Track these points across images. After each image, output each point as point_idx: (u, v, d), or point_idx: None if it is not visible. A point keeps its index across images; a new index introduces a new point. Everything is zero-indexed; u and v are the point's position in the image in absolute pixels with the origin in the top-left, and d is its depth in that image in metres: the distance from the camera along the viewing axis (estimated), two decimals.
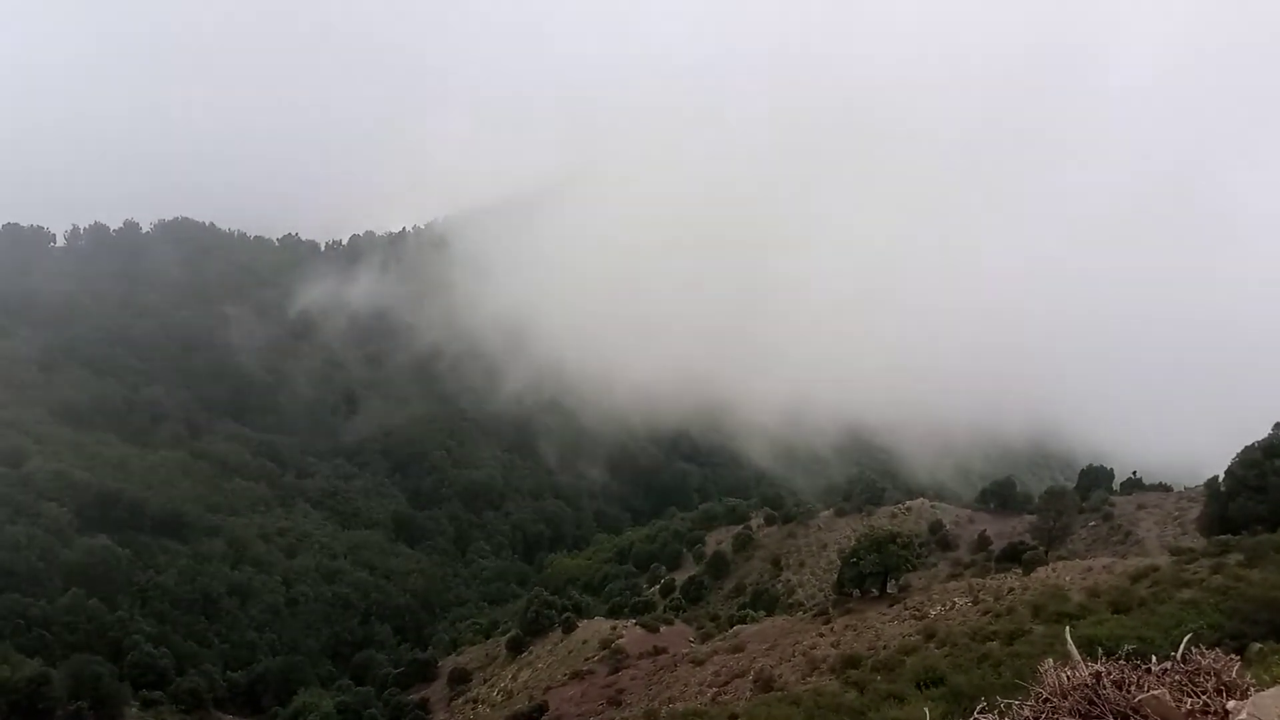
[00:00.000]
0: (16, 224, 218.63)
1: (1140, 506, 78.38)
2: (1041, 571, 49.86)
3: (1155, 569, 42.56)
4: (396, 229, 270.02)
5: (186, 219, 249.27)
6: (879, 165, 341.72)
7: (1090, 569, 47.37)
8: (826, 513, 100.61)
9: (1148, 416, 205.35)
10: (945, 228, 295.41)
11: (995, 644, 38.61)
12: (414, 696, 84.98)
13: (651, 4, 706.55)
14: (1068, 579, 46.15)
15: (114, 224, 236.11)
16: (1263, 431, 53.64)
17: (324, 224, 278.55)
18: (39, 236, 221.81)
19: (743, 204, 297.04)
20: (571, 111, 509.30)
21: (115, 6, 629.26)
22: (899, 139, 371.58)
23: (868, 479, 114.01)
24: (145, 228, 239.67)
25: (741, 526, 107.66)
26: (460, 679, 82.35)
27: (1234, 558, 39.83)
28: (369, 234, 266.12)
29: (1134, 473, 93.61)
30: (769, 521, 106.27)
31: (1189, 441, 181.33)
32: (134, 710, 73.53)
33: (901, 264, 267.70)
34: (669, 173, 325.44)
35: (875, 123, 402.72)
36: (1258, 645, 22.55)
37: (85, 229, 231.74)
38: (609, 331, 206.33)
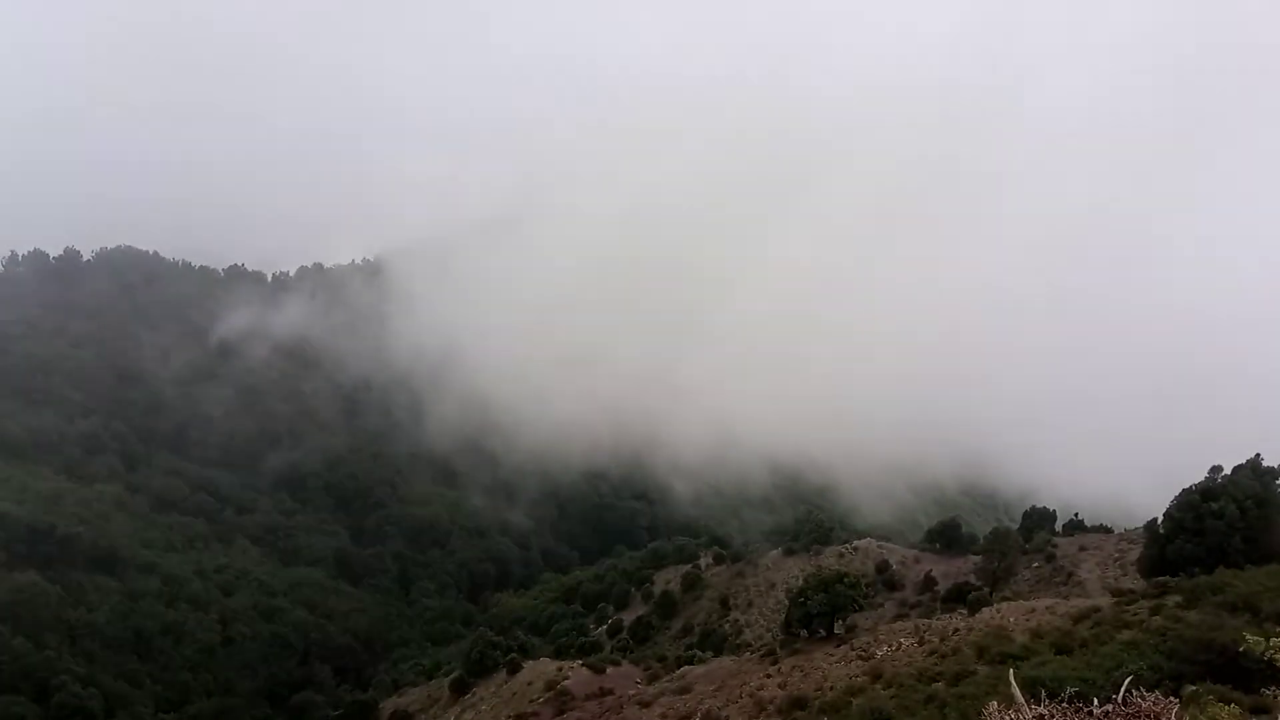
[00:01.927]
0: None
1: (1082, 548, 79.39)
2: (986, 612, 50.19)
3: (1097, 610, 43.06)
4: (344, 260, 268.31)
5: (130, 247, 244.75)
6: (815, 198, 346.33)
7: (1034, 610, 47.78)
8: (775, 552, 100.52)
9: (1081, 454, 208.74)
10: (878, 262, 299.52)
11: (941, 685, 38.72)
12: None
13: (600, 30, 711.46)
14: (1012, 620, 46.47)
15: (55, 251, 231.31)
16: (1198, 473, 54.74)
17: (269, 255, 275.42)
18: None
19: (678, 235, 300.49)
20: (514, 139, 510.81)
21: (62, 33, 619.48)
22: (837, 172, 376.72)
23: (815, 519, 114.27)
24: (87, 255, 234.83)
25: (690, 566, 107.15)
26: None
27: (1172, 599, 40.41)
28: (316, 265, 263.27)
29: (1075, 514, 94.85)
30: (718, 561, 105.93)
31: (1122, 480, 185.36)
32: None
33: (831, 298, 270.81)
34: (607, 201, 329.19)
35: (814, 155, 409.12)
36: (1192, 687, 22.81)
37: (24, 255, 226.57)
38: (538, 366, 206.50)
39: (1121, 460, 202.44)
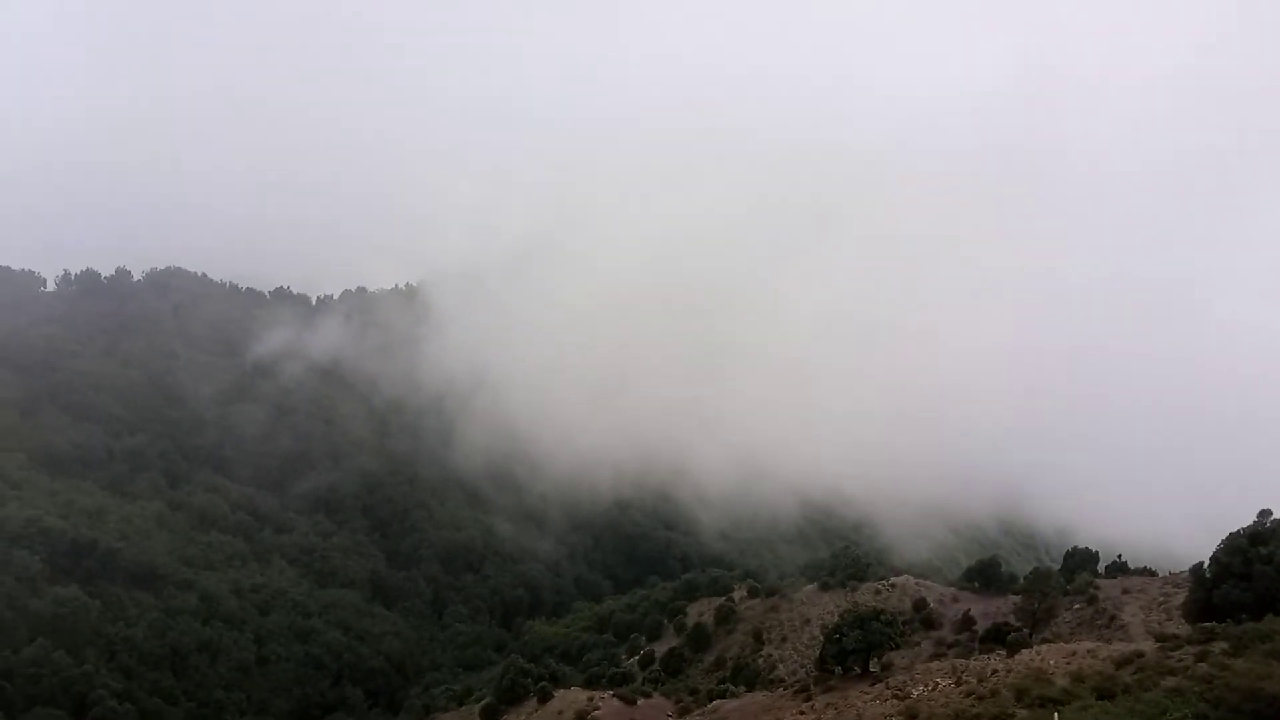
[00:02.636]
0: (8, 267, 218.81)
1: (1125, 591, 77.75)
2: (1026, 654, 49.21)
3: (1140, 655, 42.09)
4: (387, 284, 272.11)
5: (179, 269, 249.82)
6: (852, 234, 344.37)
7: (1075, 653, 46.78)
8: (810, 587, 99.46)
9: (1121, 494, 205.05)
10: (914, 299, 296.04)
11: None
12: None
13: (640, 63, 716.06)
14: (1052, 662, 45.54)
15: (106, 271, 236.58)
16: (1244, 516, 53.57)
17: (314, 277, 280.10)
18: (29, 280, 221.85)
19: (712, 266, 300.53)
20: (555, 169, 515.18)
21: (122, 55, 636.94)
22: (875, 207, 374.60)
23: (852, 554, 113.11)
24: (137, 276, 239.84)
25: (724, 598, 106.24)
26: None
27: (1219, 646, 39.42)
28: (360, 289, 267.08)
29: (1119, 556, 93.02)
30: (752, 594, 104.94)
31: (1162, 520, 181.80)
32: None
33: (864, 334, 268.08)
34: (641, 232, 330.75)
35: (852, 190, 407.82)
36: None
37: (77, 275, 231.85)
38: (567, 395, 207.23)
39: (1162, 500, 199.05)
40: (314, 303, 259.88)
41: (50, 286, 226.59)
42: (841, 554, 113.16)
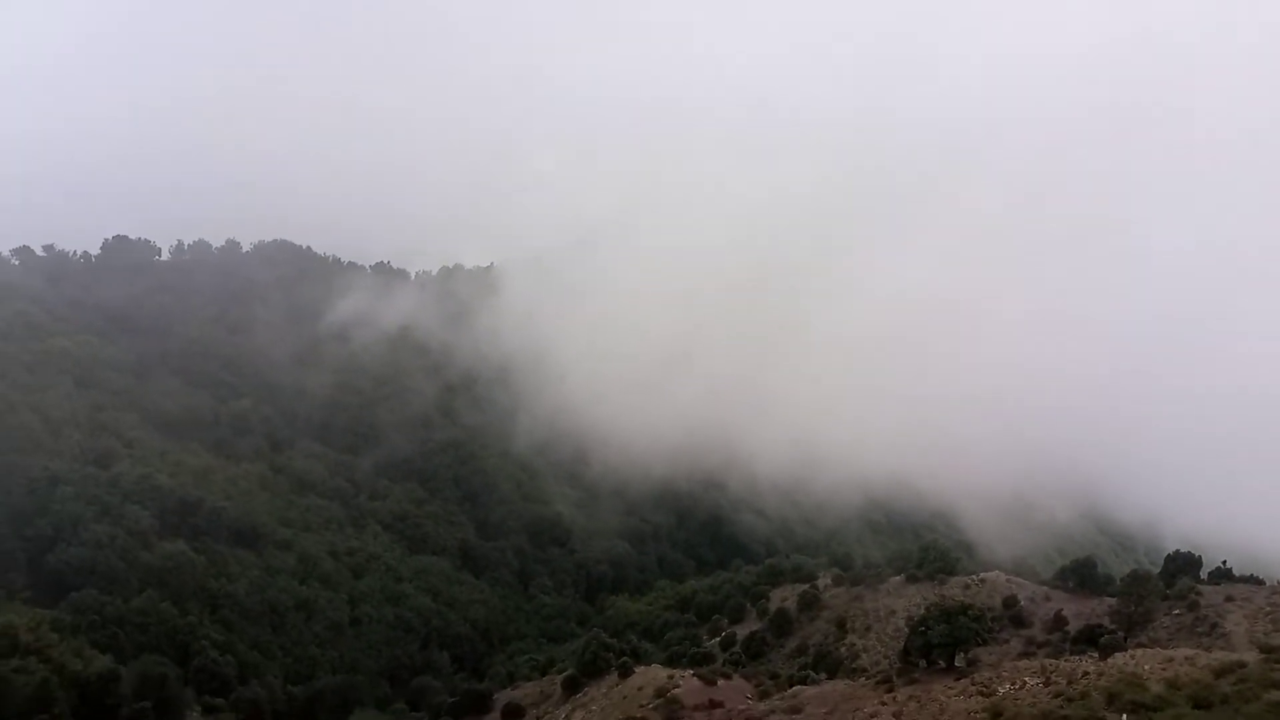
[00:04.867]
0: (125, 236, 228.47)
1: (1229, 598, 74.86)
2: (1119, 657, 47.93)
3: (1242, 665, 40.64)
4: (487, 260, 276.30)
5: (285, 241, 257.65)
6: (934, 215, 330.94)
7: (1171, 659, 45.38)
8: (897, 578, 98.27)
9: (1211, 496, 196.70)
10: (990, 287, 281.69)
11: None
12: None
13: (709, 44, 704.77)
14: (1146, 667, 44.28)
15: (217, 242, 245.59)
16: None
17: (413, 255, 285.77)
18: (145, 249, 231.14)
19: (783, 247, 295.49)
20: (635, 150, 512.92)
21: (232, 37, 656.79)
22: (958, 189, 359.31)
23: (940, 547, 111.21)
24: (246, 247, 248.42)
25: (808, 585, 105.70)
26: (513, 714, 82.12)
27: None
28: (458, 266, 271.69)
29: (1224, 562, 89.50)
30: (836, 582, 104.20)
31: (1261, 524, 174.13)
32: (195, 715, 75.03)
33: (937, 323, 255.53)
34: (716, 214, 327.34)
35: (934, 171, 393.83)
36: None
37: (189, 245, 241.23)
38: (643, 373, 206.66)
39: (1261, 499, 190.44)
40: (413, 277, 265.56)
41: (165, 256, 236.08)
42: (930, 547, 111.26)
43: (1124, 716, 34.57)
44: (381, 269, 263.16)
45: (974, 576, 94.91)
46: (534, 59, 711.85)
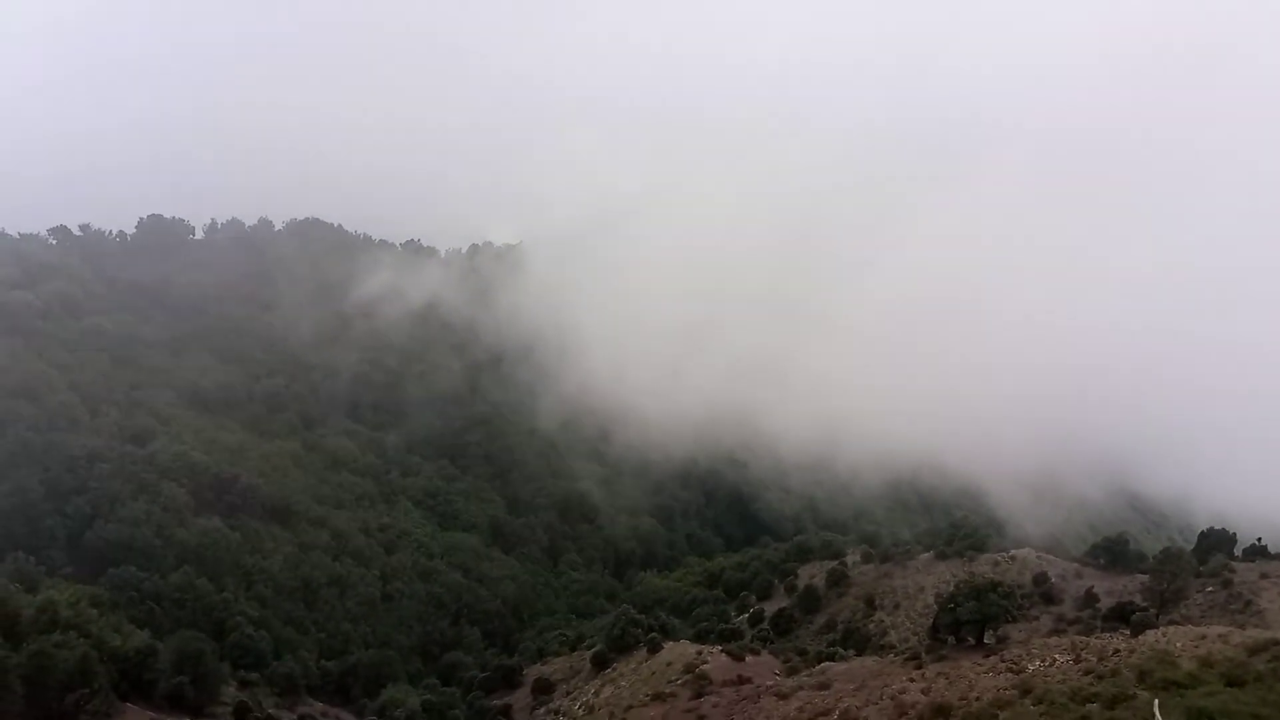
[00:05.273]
0: (160, 215, 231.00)
1: (1264, 575, 74.07)
2: (1151, 635, 47.55)
3: (1276, 643, 40.17)
4: (514, 241, 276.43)
5: (317, 219, 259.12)
6: (954, 201, 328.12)
7: (1204, 637, 44.95)
8: (926, 555, 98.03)
9: (1242, 474, 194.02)
10: (1015, 272, 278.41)
11: (1095, 706, 37.03)
12: (497, 702, 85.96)
13: (735, 15, 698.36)
14: (1179, 645, 43.89)
15: (250, 220, 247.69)
16: None
17: (444, 232, 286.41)
18: (179, 228, 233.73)
19: (806, 226, 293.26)
20: (660, 124, 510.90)
21: (267, 9, 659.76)
22: (979, 175, 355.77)
23: (970, 523, 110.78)
24: (278, 225, 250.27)
25: (836, 562, 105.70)
26: (544, 689, 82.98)
27: None
28: (487, 243, 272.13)
29: (1259, 539, 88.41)
30: (865, 559, 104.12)
31: None
32: (231, 690, 76.06)
33: (963, 305, 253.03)
34: (740, 188, 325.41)
35: (966, 137, 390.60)
36: None
37: (223, 224, 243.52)
38: (667, 352, 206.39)
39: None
40: (442, 255, 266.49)
41: (199, 234, 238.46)
42: (960, 524, 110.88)
43: (1155, 701, 34.25)
44: (411, 247, 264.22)
45: (1004, 553, 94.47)
46: (562, 45, 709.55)
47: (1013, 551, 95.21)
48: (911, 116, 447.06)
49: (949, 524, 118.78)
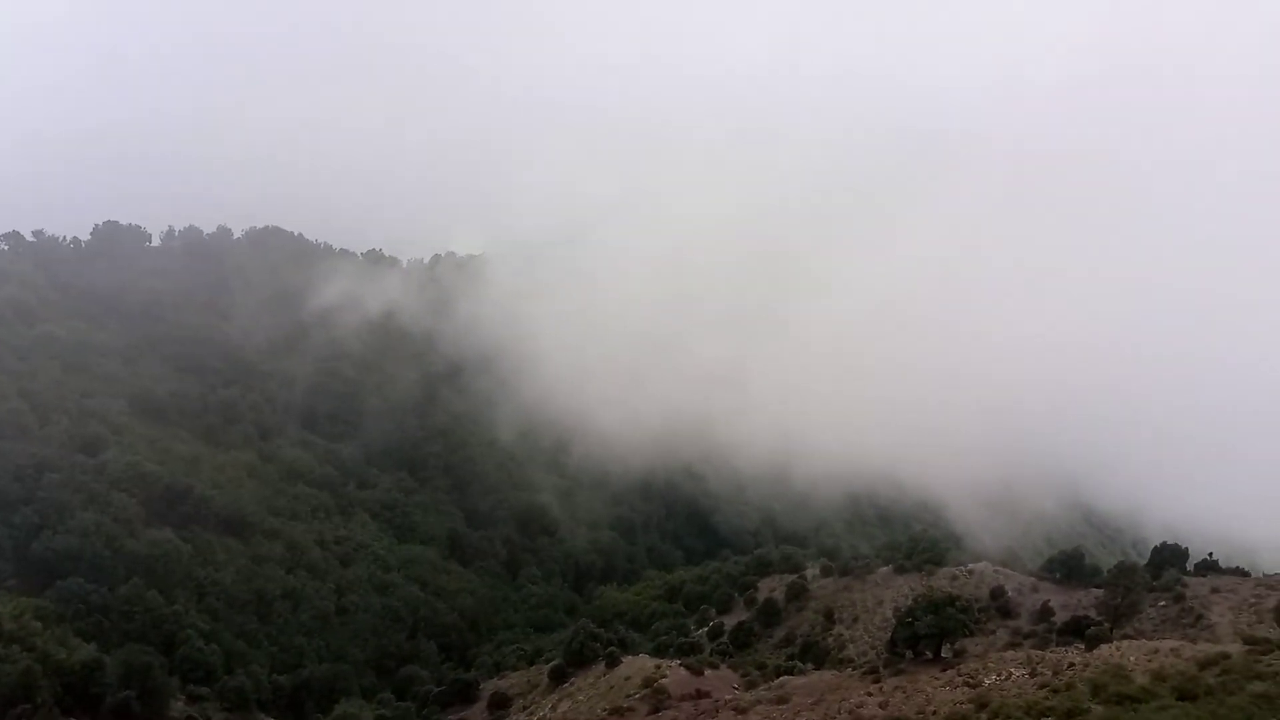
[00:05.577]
0: (116, 222, 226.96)
1: (1215, 590, 75.14)
2: (1105, 649, 47.95)
3: (1226, 656, 40.66)
4: (477, 248, 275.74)
5: (277, 228, 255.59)
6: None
7: (1157, 650, 45.40)
8: (885, 569, 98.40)
9: (1191, 491, 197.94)
10: (972, 290, 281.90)
11: None
12: (453, 717, 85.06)
13: (709, 24, 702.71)
14: (1132, 659, 44.27)
15: (209, 228, 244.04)
16: None
17: (407, 241, 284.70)
18: (135, 235, 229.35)
19: (767, 241, 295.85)
20: (632, 133, 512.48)
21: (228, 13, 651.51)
22: (938, 194, 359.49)
23: (929, 537, 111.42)
24: (237, 234, 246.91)
25: (796, 575, 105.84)
26: (500, 704, 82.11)
27: None
28: (450, 254, 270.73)
29: (1210, 554, 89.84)
30: (824, 572, 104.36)
31: (1242, 519, 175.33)
32: (180, 704, 74.58)
33: (921, 322, 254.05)
34: (708, 200, 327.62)
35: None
36: None
37: (180, 231, 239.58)
38: (625, 363, 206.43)
39: (1240, 495, 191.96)
40: (404, 265, 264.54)
41: (155, 242, 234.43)
42: (919, 538, 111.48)
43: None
44: (373, 256, 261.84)
45: (962, 567, 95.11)
46: (533, 51, 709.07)
47: (970, 565, 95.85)
48: (880, 129, 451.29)
49: (908, 538, 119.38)
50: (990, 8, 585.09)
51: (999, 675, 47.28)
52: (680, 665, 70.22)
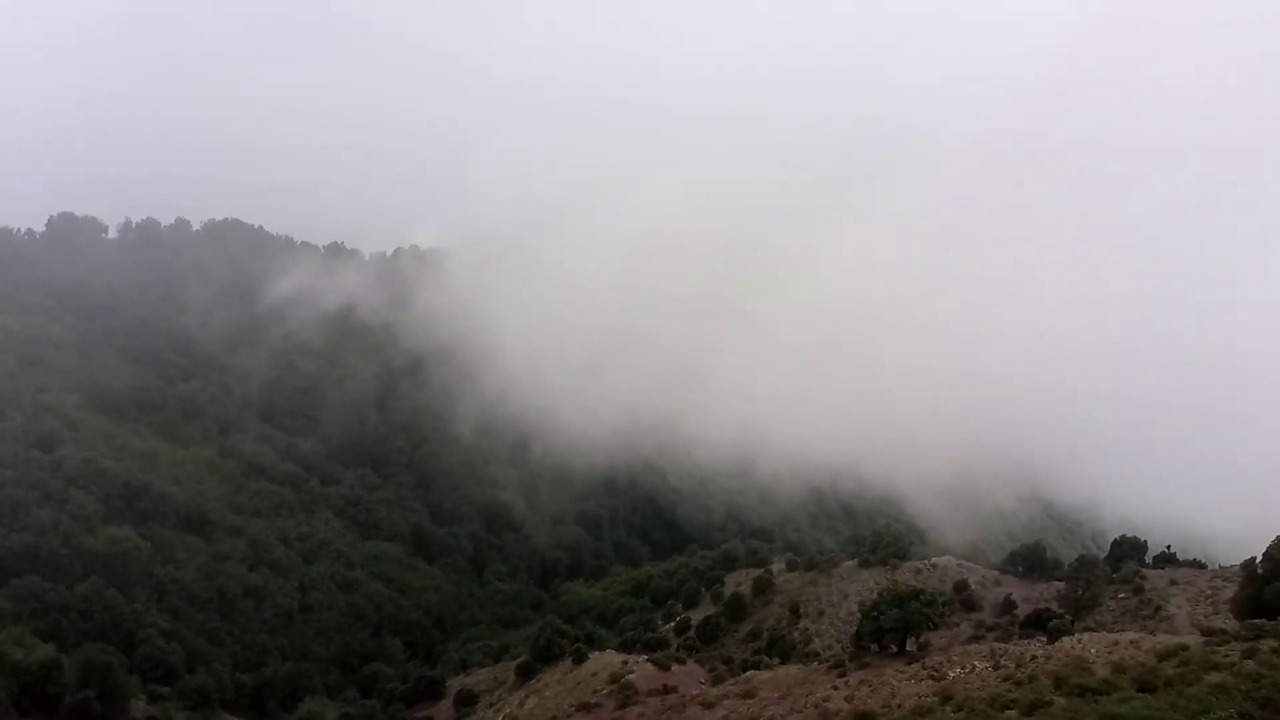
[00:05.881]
0: (71, 213, 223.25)
1: (1173, 582, 76.49)
2: (1066, 641, 48.59)
3: (1184, 648, 41.38)
4: (441, 241, 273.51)
5: (237, 220, 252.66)
6: (896, 193, 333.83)
7: (1117, 642, 46.09)
8: (850, 563, 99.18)
9: (1151, 487, 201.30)
10: (934, 287, 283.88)
11: (1014, 713, 37.73)
12: (419, 714, 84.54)
13: (677, 16, 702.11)
14: (1093, 651, 44.92)
15: (166, 220, 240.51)
16: None
17: (369, 234, 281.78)
18: (91, 226, 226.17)
19: (728, 235, 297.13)
20: (599, 124, 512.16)
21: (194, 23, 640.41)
22: (921, 166, 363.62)
23: (893, 531, 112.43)
24: (196, 226, 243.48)
25: (762, 570, 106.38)
26: (467, 700, 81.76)
27: (1268, 644, 38.58)
28: (413, 247, 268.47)
29: (1168, 546, 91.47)
30: (790, 567, 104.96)
31: (1199, 514, 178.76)
32: (141, 704, 73.29)
33: (884, 319, 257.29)
34: (670, 193, 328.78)
35: (896, 148, 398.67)
36: None
37: (137, 223, 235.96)
38: (585, 358, 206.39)
39: (1198, 490, 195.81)
40: (366, 258, 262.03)
41: (112, 234, 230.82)
42: (883, 532, 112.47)
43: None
44: (334, 249, 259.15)
45: (926, 561, 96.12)
46: (497, 42, 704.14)
47: (934, 559, 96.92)
48: (848, 125, 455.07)
49: (872, 532, 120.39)
50: (966, 4, 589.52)
51: (963, 668, 47.79)
52: (647, 661, 70.35)
